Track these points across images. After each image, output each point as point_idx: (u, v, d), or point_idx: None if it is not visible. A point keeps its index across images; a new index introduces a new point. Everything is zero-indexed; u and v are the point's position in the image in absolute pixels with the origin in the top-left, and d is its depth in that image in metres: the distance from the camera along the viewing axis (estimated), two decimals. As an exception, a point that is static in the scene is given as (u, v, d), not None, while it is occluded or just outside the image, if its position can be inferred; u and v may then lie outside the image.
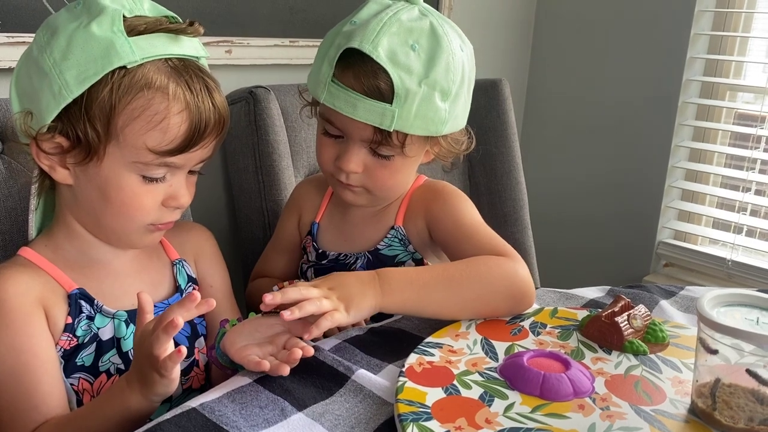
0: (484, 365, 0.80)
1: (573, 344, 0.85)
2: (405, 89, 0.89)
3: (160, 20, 0.78)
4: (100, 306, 0.84)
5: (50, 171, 0.80)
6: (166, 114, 0.76)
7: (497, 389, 0.75)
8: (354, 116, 0.90)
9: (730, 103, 1.92)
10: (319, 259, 1.08)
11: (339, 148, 0.97)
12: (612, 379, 0.77)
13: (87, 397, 0.83)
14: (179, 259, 0.94)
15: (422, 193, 1.06)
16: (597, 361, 0.81)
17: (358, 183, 0.98)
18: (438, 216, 1.02)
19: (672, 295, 1.04)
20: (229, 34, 1.38)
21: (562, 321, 0.91)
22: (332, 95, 0.92)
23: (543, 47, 2.15)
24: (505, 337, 0.87)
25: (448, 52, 0.91)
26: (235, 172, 1.40)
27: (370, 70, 0.89)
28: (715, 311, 0.69)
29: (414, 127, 0.91)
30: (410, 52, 0.90)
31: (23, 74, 0.78)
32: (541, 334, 0.88)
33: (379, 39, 0.89)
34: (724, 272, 1.91)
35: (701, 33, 1.88)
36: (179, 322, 0.66)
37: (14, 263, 0.83)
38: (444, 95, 0.92)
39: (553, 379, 0.74)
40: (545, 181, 2.15)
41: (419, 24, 0.92)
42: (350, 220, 1.08)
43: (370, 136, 0.93)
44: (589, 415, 0.70)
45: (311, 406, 0.71)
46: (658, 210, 1.99)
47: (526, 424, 0.69)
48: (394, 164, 0.97)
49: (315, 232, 1.10)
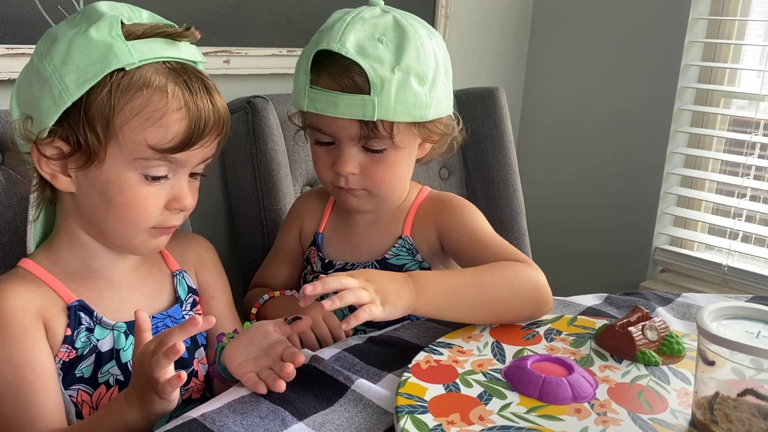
0: (490, 366, 0.81)
1: (585, 352, 0.86)
2: (380, 78, 0.90)
3: (157, 26, 0.79)
4: (100, 318, 0.84)
5: (52, 179, 0.80)
6: (165, 111, 0.76)
7: (497, 389, 0.76)
8: (336, 114, 0.92)
9: (725, 109, 1.93)
10: (325, 268, 1.09)
11: (333, 155, 0.98)
12: (616, 387, 0.78)
13: (86, 408, 0.83)
14: (180, 270, 0.94)
15: (431, 204, 1.08)
16: (605, 369, 0.82)
17: (358, 185, 0.99)
18: (451, 226, 1.03)
19: (669, 302, 1.05)
20: (228, 44, 1.39)
21: (579, 329, 0.92)
22: (313, 100, 0.94)
23: (539, 55, 2.17)
24: (517, 341, 0.87)
25: (415, 39, 0.94)
26: (233, 181, 1.41)
27: (342, 66, 0.92)
28: (716, 324, 0.69)
29: (397, 114, 0.93)
30: (378, 44, 0.92)
31: (24, 84, 0.79)
32: (555, 340, 0.88)
33: (346, 36, 0.92)
34: (720, 278, 1.92)
35: (696, 40, 1.89)
36: (181, 348, 0.67)
37: (14, 275, 0.83)
38: (420, 80, 0.93)
39: (552, 383, 0.75)
40: (542, 189, 2.16)
41: (383, 19, 0.95)
42: (355, 229, 1.09)
43: (357, 132, 0.94)
44: (584, 419, 0.71)
45: (311, 415, 0.71)
46: (654, 216, 2.00)
47: (518, 423, 0.70)
48: (389, 158, 0.98)
49: (320, 242, 1.11)
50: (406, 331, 0.91)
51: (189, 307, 0.93)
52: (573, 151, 2.14)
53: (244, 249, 1.41)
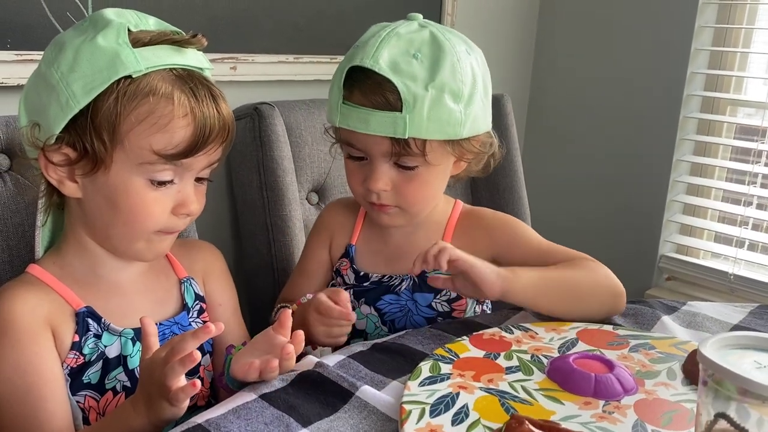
0: (543, 352, 0.82)
1: (656, 367, 0.82)
2: (412, 95, 0.89)
3: (164, 32, 0.80)
4: (107, 324, 0.85)
5: (59, 185, 0.80)
6: (171, 118, 0.77)
7: (530, 367, 0.77)
8: (368, 131, 0.91)
9: (731, 117, 1.93)
10: (359, 281, 1.07)
11: (365, 170, 0.98)
12: (653, 401, 0.74)
13: (93, 414, 0.84)
14: (187, 277, 0.95)
15: (473, 222, 1.08)
16: (660, 385, 0.78)
17: (391, 202, 0.99)
18: (509, 245, 1.05)
19: (674, 310, 1.04)
20: (234, 50, 1.40)
21: (677, 351, 0.86)
22: (345, 116, 0.93)
23: (545, 62, 2.17)
24: (599, 343, 0.86)
25: (452, 55, 0.92)
26: (239, 187, 1.41)
27: (374, 83, 0.91)
28: (721, 352, 0.65)
29: (429, 131, 0.92)
30: (412, 60, 0.91)
31: (32, 91, 0.80)
32: (639, 352, 0.85)
33: (380, 53, 0.90)
34: (726, 286, 1.91)
35: (702, 48, 1.89)
36: (197, 356, 0.68)
37: (22, 281, 0.83)
38: (455, 97, 0.92)
39: (604, 380, 0.74)
40: (547, 196, 2.15)
41: (419, 35, 0.93)
42: (390, 242, 1.08)
43: (388, 148, 0.93)
44: (585, 409, 0.70)
45: (316, 422, 0.71)
46: (660, 224, 2.00)
47: (519, 394, 0.71)
48: (421, 175, 0.97)
49: (353, 254, 1.09)
50: (411, 339, 0.91)
51: (196, 314, 0.93)
52: (578, 158, 2.14)
53: (249, 255, 1.42)
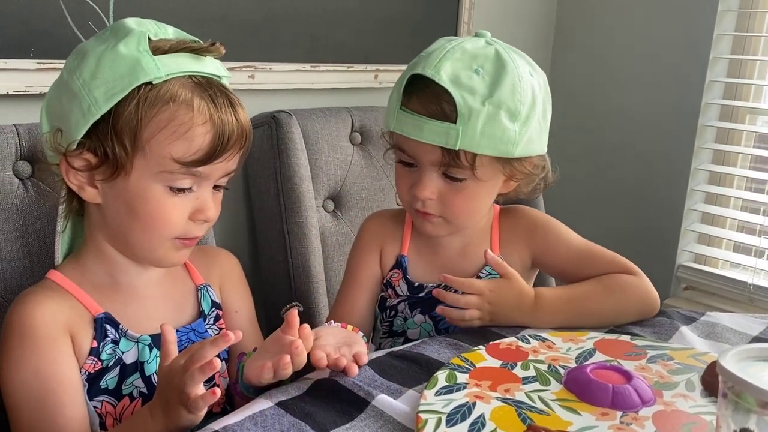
0: (561, 362, 0.81)
1: (675, 378, 0.80)
2: (468, 108, 0.90)
3: (183, 41, 0.81)
4: (125, 330, 0.85)
5: (79, 191, 0.82)
6: (191, 125, 0.78)
7: (547, 377, 0.77)
8: (420, 138, 0.93)
9: (750, 126, 1.91)
10: (414, 292, 1.07)
11: (413, 177, 0.99)
12: (672, 412, 0.73)
13: (110, 419, 0.84)
14: (204, 284, 0.95)
15: (514, 222, 1.10)
16: (678, 396, 0.77)
17: (435, 211, 0.99)
18: (548, 247, 1.08)
19: (692, 321, 1.03)
20: (252, 59, 1.41)
21: (694, 362, 0.85)
22: (400, 122, 0.95)
23: (561, 68, 2.16)
24: (617, 354, 0.86)
25: (513, 74, 0.93)
26: (256, 195, 1.42)
27: (432, 93, 0.92)
28: (741, 364, 0.63)
29: (481, 146, 0.92)
30: (474, 75, 0.92)
31: (54, 98, 0.81)
32: (657, 363, 0.84)
33: (442, 64, 0.92)
34: (745, 296, 1.89)
35: (720, 56, 1.88)
36: (217, 364, 0.68)
37: (42, 287, 0.84)
38: (512, 115, 0.93)
39: (622, 391, 0.74)
40: (564, 203, 2.14)
41: (484, 51, 0.95)
42: (441, 251, 1.08)
43: (439, 158, 0.94)
44: (603, 420, 0.69)
45: (332, 430, 0.71)
46: (678, 233, 1.98)
47: (536, 404, 0.70)
48: (468, 189, 0.97)
49: (405, 264, 1.08)
50: (428, 347, 0.91)
51: (212, 321, 0.94)
52: (595, 165, 2.13)
53: (266, 263, 1.42)
